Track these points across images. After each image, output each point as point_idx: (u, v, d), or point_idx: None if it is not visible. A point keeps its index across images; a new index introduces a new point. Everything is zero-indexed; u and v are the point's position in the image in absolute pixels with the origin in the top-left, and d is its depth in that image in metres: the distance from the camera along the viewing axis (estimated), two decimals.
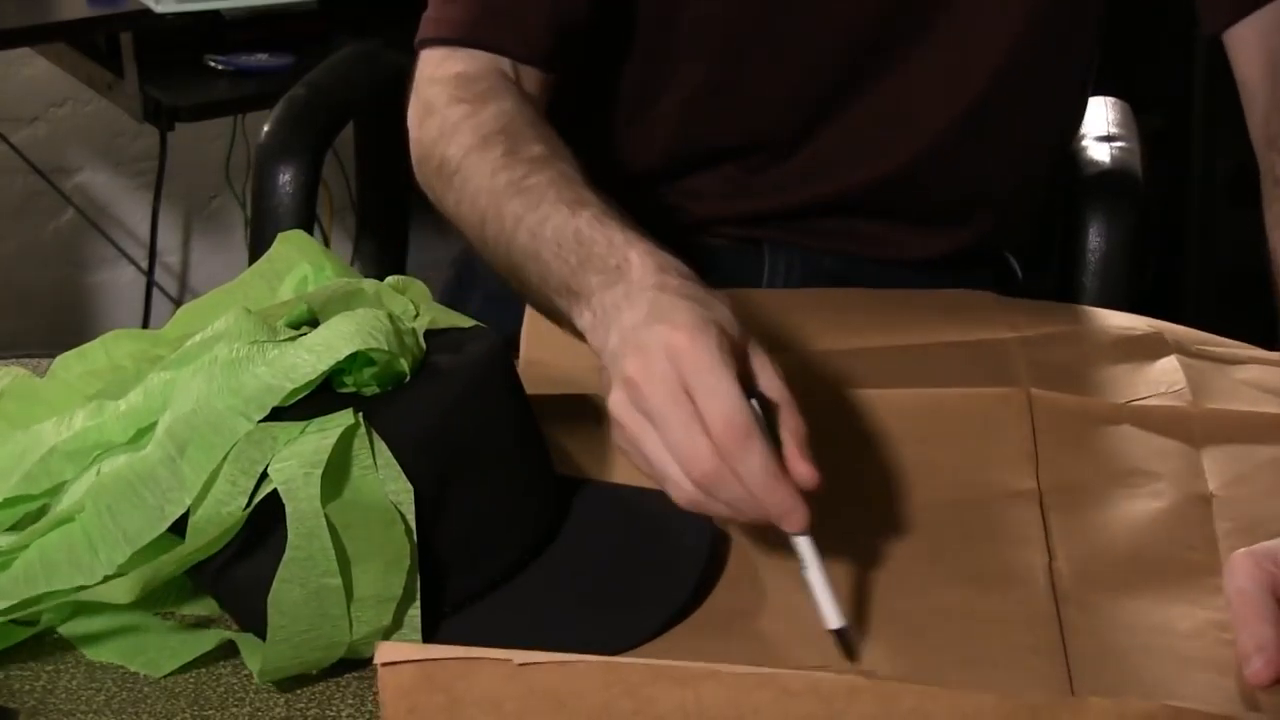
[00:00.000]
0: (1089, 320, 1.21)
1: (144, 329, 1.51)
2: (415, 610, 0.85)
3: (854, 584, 0.90)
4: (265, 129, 1.51)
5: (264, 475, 0.83)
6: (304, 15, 2.33)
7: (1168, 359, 1.12)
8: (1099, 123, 1.53)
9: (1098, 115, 1.54)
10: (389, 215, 1.78)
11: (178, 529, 0.84)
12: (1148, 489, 0.99)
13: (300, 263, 1.02)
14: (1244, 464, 1.01)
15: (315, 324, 0.91)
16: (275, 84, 2.09)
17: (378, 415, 0.85)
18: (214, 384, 0.85)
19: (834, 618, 0.85)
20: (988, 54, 1.24)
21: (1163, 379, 1.10)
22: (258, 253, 1.13)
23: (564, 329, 1.02)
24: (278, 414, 0.84)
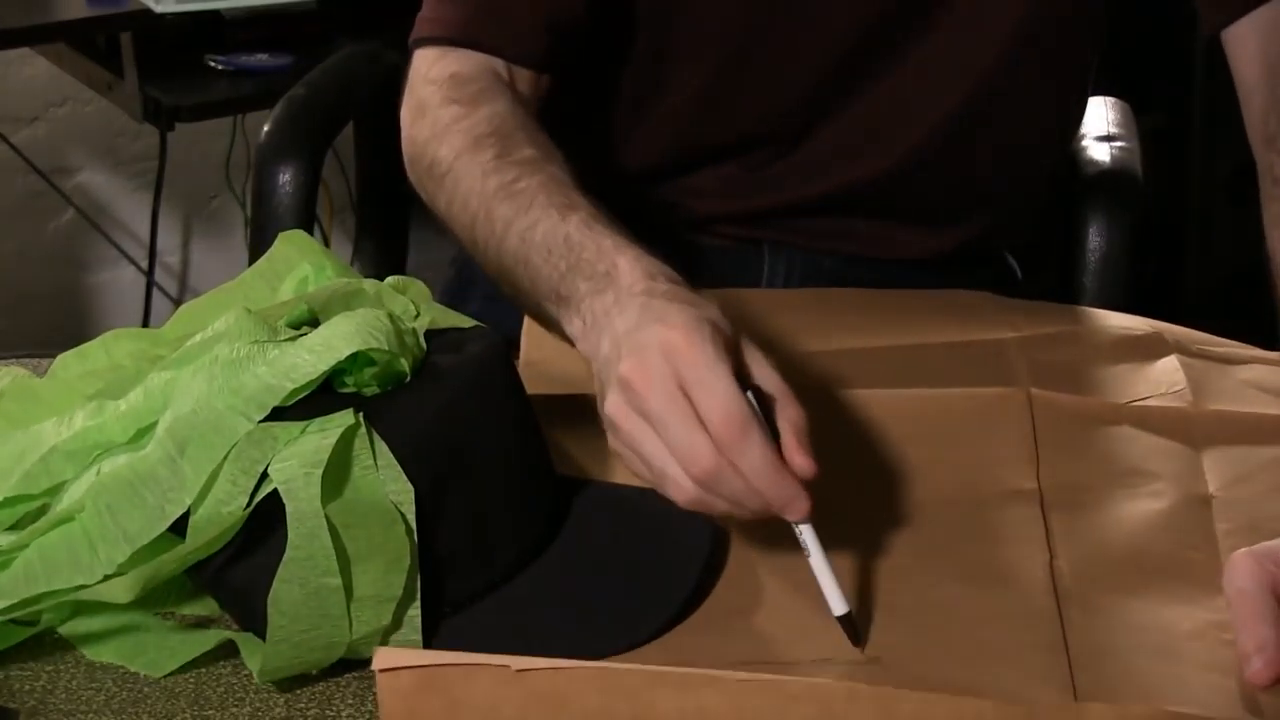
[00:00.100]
0: (1089, 320, 1.21)
1: (144, 329, 1.51)
2: (415, 610, 0.85)
3: (855, 584, 0.90)
4: (265, 129, 1.51)
5: (264, 475, 0.83)
6: (303, 15, 2.33)
7: (1168, 359, 1.12)
8: (1099, 123, 1.53)
9: (1098, 115, 1.54)
10: (389, 215, 1.78)
11: (178, 529, 0.84)
12: (1148, 489, 0.99)
13: (300, 263, 1.02)
14: (1244, 464, 1.01)
15: (315, 324, 0.91)
16: (275, 84, 2.09)
17: (378, 415, 0.85)
18: (214, 384, 0.85)
19: (839, 604, 0.85)
20: (987, 52, 1.24)
21: (1163, 379, 1.10)
22: (258, 253, 1.13)
23: (556, 332, 1.02)
24: (278, 414, 0.84)
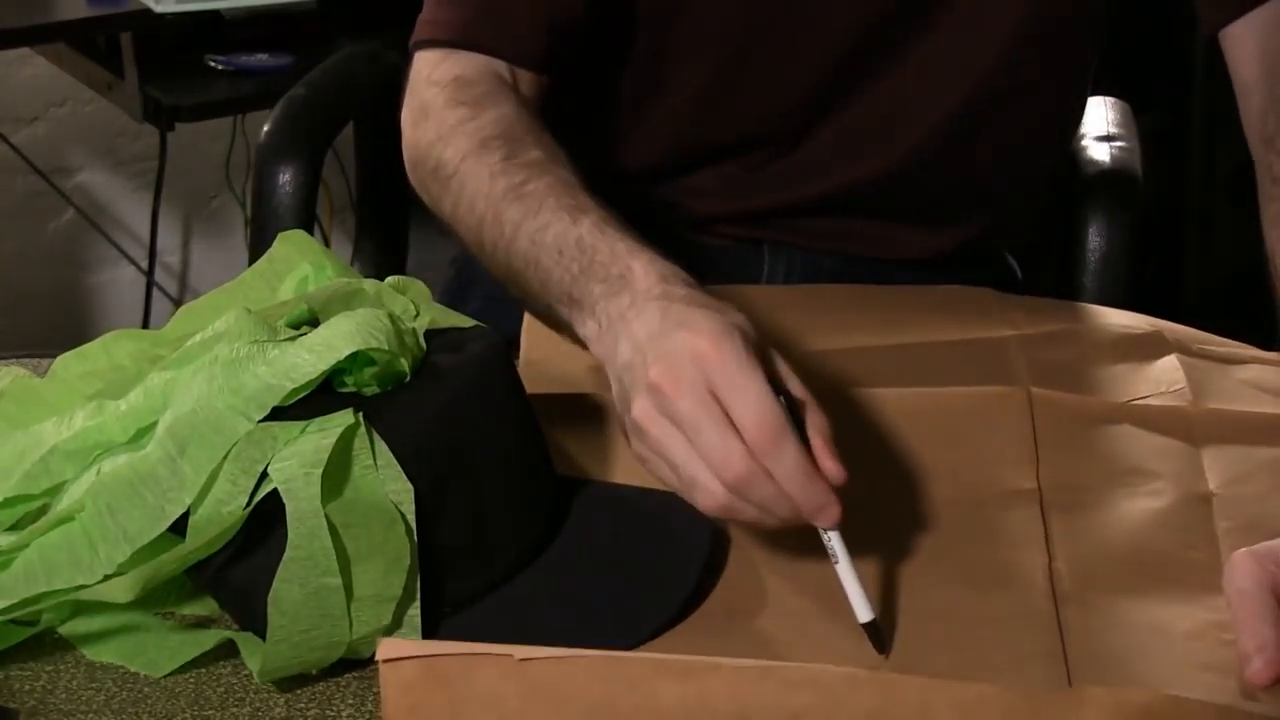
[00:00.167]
0: (1089, 319, 1.21)
1: (144, 329, 1.51)
2: (415, 610, 0.85)
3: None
4: (265, 129, 1.51)
5: (264, 475, 0.83)
6: (304, 15, 2.33)
7: (1168, 358, 1.12)
8: (1099, 123, 1.53)
9: (1098, 115, 1.54)
10: (389, 215, 1.78)
11: (178, 528, 0.84)
12: (1148, 488, 0.99)
13: (300, 263, 1.02)
14: (1244, 464, 1.01)
15: (315, 324, 0.91)
16: (275, 84, 2.09)
17: (378, 415, 0.85)
18: (214, 384, 0.85)
19: (865, 611, 0.85)
20: (987, 52, 1.24)
21: (1163, 378, 1.10)
22: (258, 253, 1.13)
23: (563, 334, 1.02)
24: (278, 414, 0.84)
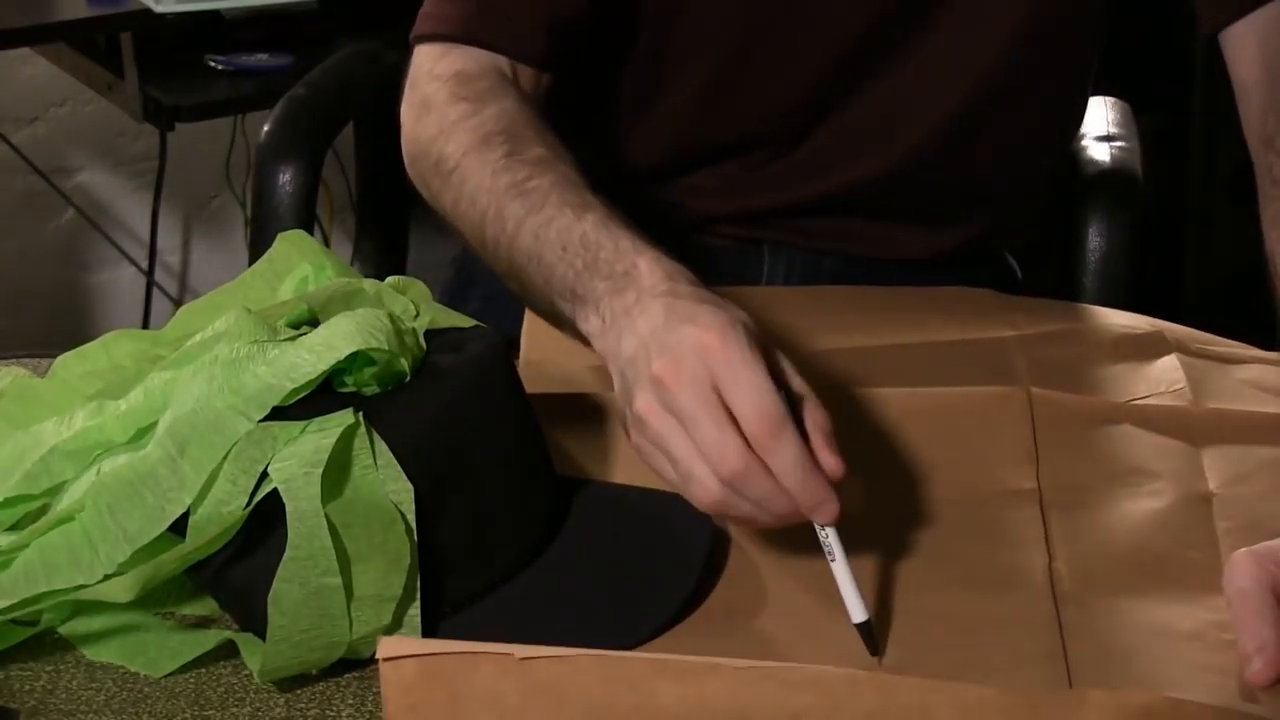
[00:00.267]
0: (1089, 319, 1.21)
1: (144, 329, 1.51)
2: (415, 610, 0.85)
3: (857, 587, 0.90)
4: (265, 129, 1.51)
5: (264, 475, 0.83)
6: (304, 15, 2.33)
7: (1168, 358, 1.12)
8: (1099, 123, 1.53)
9: (1098, 115, 1.54)
10: (389, 215, 1.78)
11: (178, 528, 0.84)
12: (1148, 488, 0.99)
13: (300, 263, 1.02)
14: (1244, 463, 1.01)
15: (315, 324, 0.91)
16: (275, 84, 2.09)
17: (378, 415, 0.85)
18: (214, 383, 0.85)
19: (859, 611, 0.85)
20: (988, 52, 1.24)
21: (1163, 378, 1.10)
22: (258, 253, 1.13)
23: (564, 331, 1.02)
24: (278, 413, 0.84)
